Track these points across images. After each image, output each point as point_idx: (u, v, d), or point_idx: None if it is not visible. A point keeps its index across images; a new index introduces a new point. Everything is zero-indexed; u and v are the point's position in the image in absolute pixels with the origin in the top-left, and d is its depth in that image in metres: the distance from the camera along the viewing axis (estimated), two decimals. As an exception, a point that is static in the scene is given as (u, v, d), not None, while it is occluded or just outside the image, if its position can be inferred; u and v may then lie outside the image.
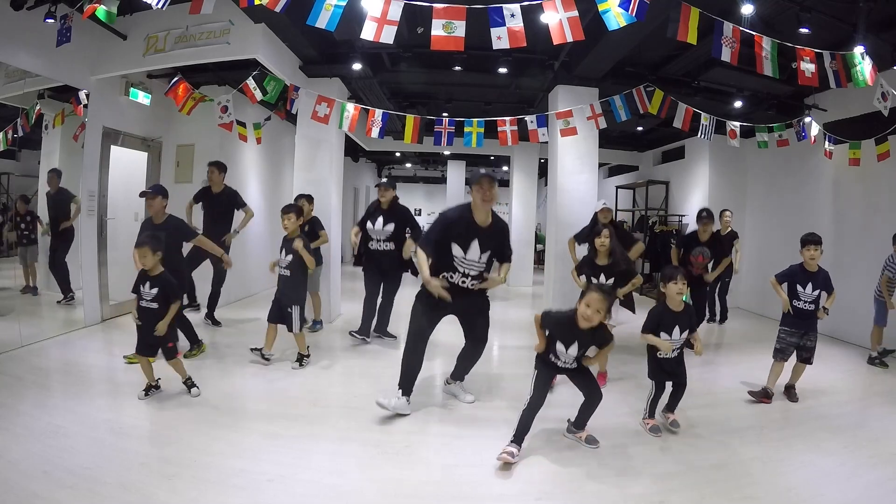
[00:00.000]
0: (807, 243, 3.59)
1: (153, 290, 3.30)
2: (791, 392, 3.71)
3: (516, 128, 5.27)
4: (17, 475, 2.33)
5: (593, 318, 2.67)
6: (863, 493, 2.48)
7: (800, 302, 3.58)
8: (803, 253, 3.60)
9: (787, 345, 3.64)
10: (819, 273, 3.60)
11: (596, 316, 2.67)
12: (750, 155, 7.42)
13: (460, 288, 3.19)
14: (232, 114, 5.11)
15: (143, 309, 3.31)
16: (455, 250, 3.13)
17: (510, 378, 4.11)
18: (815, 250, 3.55)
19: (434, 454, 2.80)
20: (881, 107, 4.12)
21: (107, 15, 3.74)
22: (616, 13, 3.06)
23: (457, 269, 3.16)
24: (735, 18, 3.49)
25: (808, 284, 3.56)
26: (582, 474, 2.61)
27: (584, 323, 2.69)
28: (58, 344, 4.46)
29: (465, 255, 3.13)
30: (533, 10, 3.10)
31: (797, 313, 3.60)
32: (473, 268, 3.17)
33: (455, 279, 3.18)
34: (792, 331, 3.62)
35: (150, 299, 3.30)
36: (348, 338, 5.04)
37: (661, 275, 3.13)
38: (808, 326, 3.60)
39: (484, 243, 3.14)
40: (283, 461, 2.60)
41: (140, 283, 3.33)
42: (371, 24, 3.06)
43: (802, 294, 3.57)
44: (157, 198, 4.07)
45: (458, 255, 3.14)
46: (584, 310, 2.68)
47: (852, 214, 5.64)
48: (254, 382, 3.79)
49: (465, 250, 3.13)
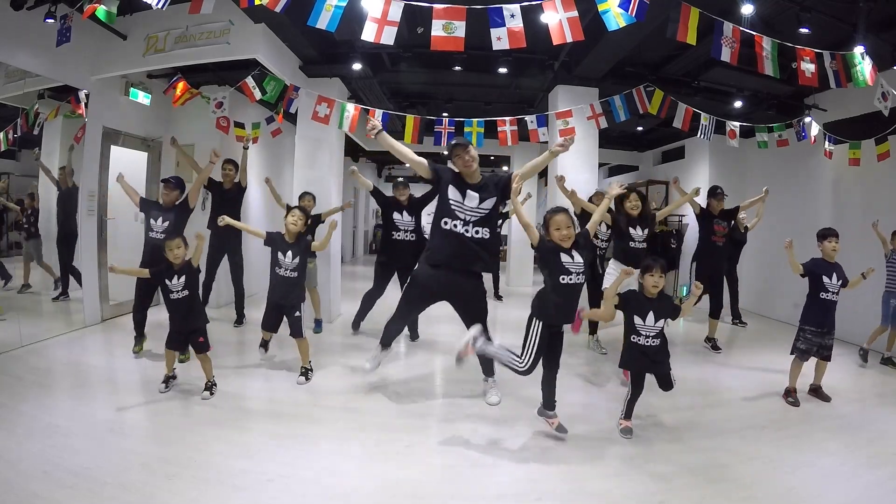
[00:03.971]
0: (828, 236, 3.69)
1: (181, 280, 3.36)
2: (820, 392, 3.71)
3: (516, 128, 5.27)
4: (17, 475, 2.33)
5: (570, 234, 2.79)
6: (863, 493, 2.48)
7: (827, 294, 3.60)
8: (825, 245, 3.69)
9: (811, 345, 3.63)
10: (837, 265, 3.68)
11: (568, 231, 2.79)
12: (750, 155, 7.42)
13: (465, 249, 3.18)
14: (227, 109, 5.11)
15: (174, 301, 3.36)
16: (451, 193, 3.22)
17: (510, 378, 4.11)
18: (837, 242, 3.66)
19: (434, 454, 2.80)
20: (881, 107, 4.12)
21: (107, 15, 3.74)
22: (616, 13, 3.06)
23: (458, 217, 3.19)
24: (735, 18, 3.49)
25: (833, 275, 3.62)
26: (582, 474, 2.61)
27: (565, 244, 2.80)
28: (58, 344, 4.46)
29: (464, 201, 3.20)
30: (533, 10, 3.10)
31: (823, 306, 3.60)
32: (474, 214, 3.20)
33: (459, 228, 3.18)
34: (817, 330, 3.61)
35: (180, 289, 3.35)
36: (348, 338, 5.05)
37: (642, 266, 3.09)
38: (831, 323, 3.63)
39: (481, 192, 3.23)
40: (283, 461, 2.60)
41: (165, 278, 3.36)
42: (371, 25, 3.07)
43: (830, 285, 3.60)
44: (176, 192, 4.25)
45: (454, 200, 3.21)
46: (555, 233, 2.81)
47: (852, 214, 5.63)
48: (254, 382, 3.79)
49: (463, 197, 3.21)
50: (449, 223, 3.21)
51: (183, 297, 3.38)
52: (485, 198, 3.23)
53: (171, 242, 3.39)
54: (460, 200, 3.21)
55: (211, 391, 3.42)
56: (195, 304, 3.47)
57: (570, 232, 2.81)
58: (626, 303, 3.03)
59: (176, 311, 3.40)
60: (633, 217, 4.11)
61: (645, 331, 2.98)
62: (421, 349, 4.82)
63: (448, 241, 3.22)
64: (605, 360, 4.54)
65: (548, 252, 2.84)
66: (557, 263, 2.81)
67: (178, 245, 3.38)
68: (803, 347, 3.65)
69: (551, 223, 2.84)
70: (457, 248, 3.19)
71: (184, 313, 3.39)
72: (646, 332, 2.98)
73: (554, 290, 2.84)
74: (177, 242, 3.38)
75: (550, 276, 2.85)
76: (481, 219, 3.22)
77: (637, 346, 3.01)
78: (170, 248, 3.37)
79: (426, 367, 4.39)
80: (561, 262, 2.80)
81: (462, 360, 2.98)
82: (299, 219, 3.84)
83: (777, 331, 5.95)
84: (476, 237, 3.21)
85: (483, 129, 5.33)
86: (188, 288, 3.39)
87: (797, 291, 3.90)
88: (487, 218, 3.24)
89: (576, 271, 2.82)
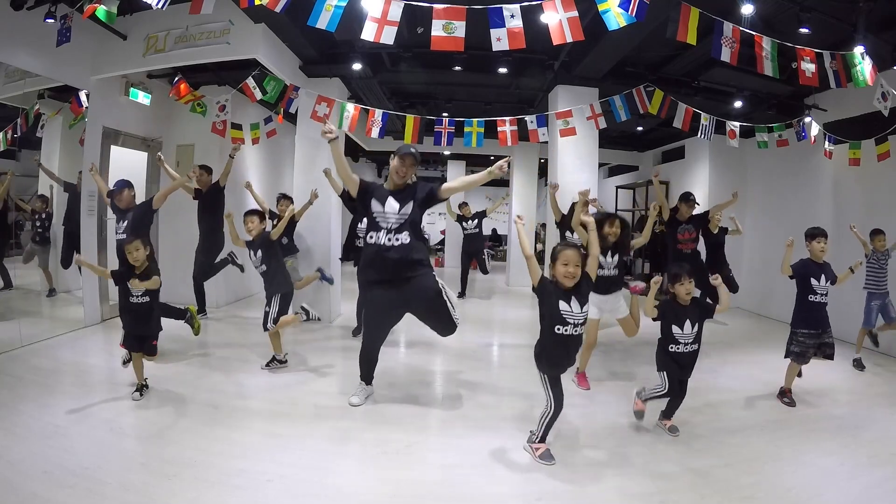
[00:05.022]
0: (816, 236, 3.65)
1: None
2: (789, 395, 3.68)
3: (516, 128, 5.27)
4: (17, 475, 2.33)
5: (575, 274, 2.68)
6: (862, 493, 2.48)
7: (816, 296, 3.57)
8: (813, 245, 3.64)
9: (806, 347, 3.59)
10: (826, 265, 3.65)
11: (577, 271, 2.68)
12: (750, 155, 7.42)
13: (391, 258, 3.15)
14: (229, 112, 5.11)
15: (132, 305, 3.29)
16: (374, 206, 3.24)
17: (510, 378, 4.12)
18: (825, 242, 3.63)
19: (434, 454, 2.80)
20: (881, 107, 4.12)
21: (107, 15, 3.74)
22: (616, 13, 3.06)
23: (380, 227, 3.20)
24: (735, 18, 3.49)
25: (822, 276, 3.59)
26: (582, 474, 2.61)
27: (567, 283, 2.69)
28: (58, 344, 4.46)
29: (384, 208, 3.22)
30: (533, 10, 3.10)
31: (813, 308, 3.57)
32: (392, 220, 3.20)
33: (381, 239, 3.17)
34: (810, 332, 3.58)
35: (140, 294, 3.27)
36: (348, 338, 5.05)
37: (668, 276, 3.12)
38: (825, 323, 3.60)
39: (400, 199, 3.24)
40: (283, 461, 2.60)
41: (126, 279, 3.25)
42: (371, 25, 3.07)
43: (818, 287, 3.57)
44: (124, 191, 4.19)
45: (376, 210, 3.23)
46: (560, 268, 2.70)
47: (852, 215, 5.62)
48: (254, 382, 3.79)
49: (383, 205, 3.23)
50: (373, 238, 3.22)
51: (143, 303, 3.28)
52: (403, 203, 3.23)
53: (129, 245, 3.24)
54: (381, 210, 3.24)
55: (134, 392, 3.32)
56: (153, 313, 3.35)
57: (577, 272, 2.68)
58: (664, 314, 3.04)
59: (130, 314, 3.31)
60: (608, 243, 3.81)
61: (683, 339, 2.99)
62: (421, 349, 4.82)
63: (367, 255, 3.28)
64: (605, 360, 4.54)
65: (547, 296, 2.72)
66: (555, 310, 2.68)
67: (136, 248, 3.23)
68: (797, 350, 3.61)
69: (560, 256, 2.70)
70: (376, 260, 3.20)
71: (139, 319, 3.29)
72: (684, 340, 3.00)
73: (549, 341, 2.72)
74: (135, 245, 3.23)
75: (546, 323, 2.74)
76: (401, 225, 3.20)
77: (675, 353, 3.02)
78: (128, 250, 3.24)
79: (426, 367, 4.39)
80: (559, 310, 2.67)
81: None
82: (250, 221, 4.00)
83: (776, 331, 5.92)
84: (395, 245, 3.17)
85: (483, 129, 5.33)
86: (149, 295, 3.28)
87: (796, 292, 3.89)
88: (407, 224, 3.21)
89: (573, 322, 2.67)
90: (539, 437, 2.78)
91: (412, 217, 3.23)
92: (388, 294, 3.25)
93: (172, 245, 5.94)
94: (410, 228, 3.20)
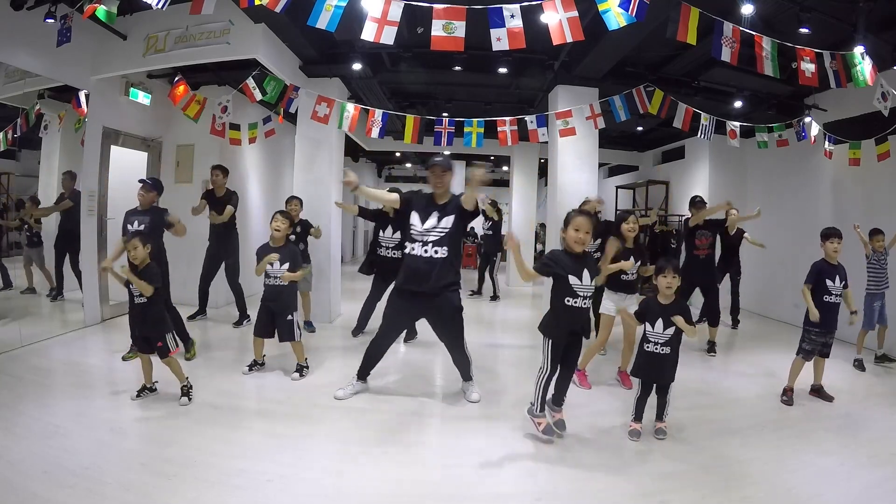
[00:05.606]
0: (830, 236, 3.66)
1: None
2: (822, 392, 3.71)
3: (516, 128, 5.27)
4: (17, 475, 2.33)
5: (585, 240, 2.76)
6: (862, 493, 2.48)
7: (830, 296, 3.59)
8: (826, 246, 3.67)
9: (816, 345, 3.63)
10: (840, 266, 3.66)
11: (586, 238, 2.76)
12: (750, 155, 7.42)
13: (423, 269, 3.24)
14: (231, 113, 5.11)
15: (134, 305, 3.28)
16: (413, 218, 3.33)
17: (510, 378, 4.12)
18: (839, 243, 3.63)
19: (434, 454, 2.80)
20: (881, 107, 4.12)
21: (107, 15, 3.74)
22: (616, 13, 3.06)
23: (415, 240, 3.30)
24: (735, 18, 3.49)
25: (836, 277, 3.60)
26: (582, 474, 2.61)
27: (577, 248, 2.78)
28: (58, 344, 4.46)
29: (423, 221, 3.31)
30: (533, 10, 3.11)
31: (826, 309, 3.58)
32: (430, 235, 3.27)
33: (416, 250, 3.27)
34: (821, 331, 3.61)
35: (137, 294, 3.24)
36: (348, 338, 5.04)
37: (655, 269, 3.13)
38: (835, 323, 3.62)
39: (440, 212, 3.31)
40: (283, 461, 2.60)
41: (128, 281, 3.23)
42: (371, 25, 3.07)
43: (833, 288, 3.59)
44: (153, 193, 4.19)
45: (414, 223, 3.32)
46: (572, 233, 2.77)
47: (852, 214, 5.62)
48: (254, 382, 3.79)
49: (422, 218, 3.32)
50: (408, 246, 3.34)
51: (140, 302, 3.25)
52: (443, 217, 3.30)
53: (128, 243, 3.22)
54: (419, 223, 3.32)
55: (188, 396, 3.28)
56: (152, 313, 3.29)
57: (587, 238, 2.77)
58: (642, 314, 3.06)
59: (131, 312, 3.31)
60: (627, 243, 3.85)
61: (654, 338, 2.99)
62: (420, 349, 4.82)
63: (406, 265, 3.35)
64: (605, 361, 4.54)
65: (558, 267, 2.78)
66: (566, 283, 2.77)
67: (133, 246, 3.20)
68: (808, 348, 3.65)
69: (573, 222, 2.79)
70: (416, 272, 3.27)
71: (139, 319, 3.28)
72: (654, 339, 2.99)
73: (559, 312, 2.81)
74: (133, 244, 3.20)
75: (556, 296, 2.82)
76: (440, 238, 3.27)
77: (645, 353, 3.03)
78: (127, 248, 3.22)
79: (426, 367, 4.39)
80: (569, 284, 2.76)
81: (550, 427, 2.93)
82: (282, 223, 3.77)
83: (777, 331, 5.94)
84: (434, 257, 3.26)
85: (483, 129, 5.33)
86: (147, 298, 3.24)
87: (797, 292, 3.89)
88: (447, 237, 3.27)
89: (583, 295, 2.78)
90: (538, 405, 2.84)
91: (452, 230, 3.29)
92: (415, 301, 3.36)
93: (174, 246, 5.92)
94: (449, 242, 3.28)
